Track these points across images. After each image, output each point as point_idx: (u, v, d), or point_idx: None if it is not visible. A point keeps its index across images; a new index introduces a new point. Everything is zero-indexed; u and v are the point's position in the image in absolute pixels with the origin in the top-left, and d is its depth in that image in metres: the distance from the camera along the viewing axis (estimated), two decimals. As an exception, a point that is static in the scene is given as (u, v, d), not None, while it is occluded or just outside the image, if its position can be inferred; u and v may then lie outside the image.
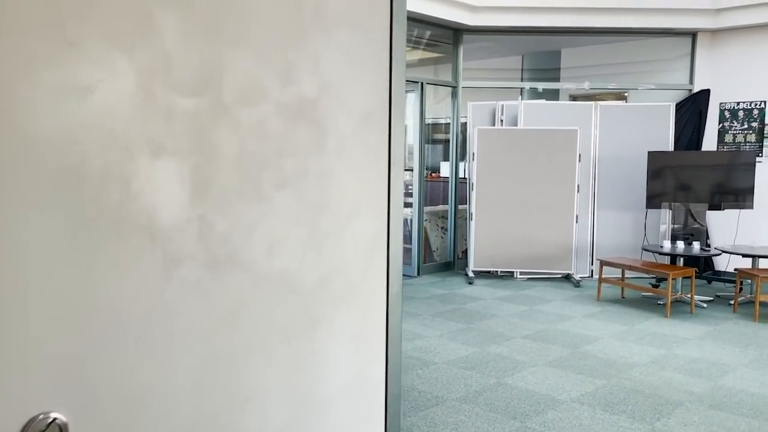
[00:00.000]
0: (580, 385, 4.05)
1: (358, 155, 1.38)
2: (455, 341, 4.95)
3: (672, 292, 6.22)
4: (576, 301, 6.35)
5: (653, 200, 6.88)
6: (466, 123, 7.75)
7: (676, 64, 8.01)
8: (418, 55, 9.91)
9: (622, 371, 4.33)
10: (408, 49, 10.25)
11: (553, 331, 5.28)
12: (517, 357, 4.59)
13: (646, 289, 6.16)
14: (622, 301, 6.42)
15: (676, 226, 7.38)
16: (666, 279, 5.87)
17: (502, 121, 7.61)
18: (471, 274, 7.28)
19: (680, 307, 6.17)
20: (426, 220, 8.37)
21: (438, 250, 8.43)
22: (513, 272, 7.47)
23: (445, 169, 8.41)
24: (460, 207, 8.02)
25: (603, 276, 6.46)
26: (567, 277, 7.48)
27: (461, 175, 8.04)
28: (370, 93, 1.42)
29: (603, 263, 6.43)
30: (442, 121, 8.46)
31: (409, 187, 7.81)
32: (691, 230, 7.26)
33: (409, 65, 9.31)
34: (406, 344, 4.85)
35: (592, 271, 7.59)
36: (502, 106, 7.62)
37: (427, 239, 8.49)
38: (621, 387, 4.03)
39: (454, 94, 7.88)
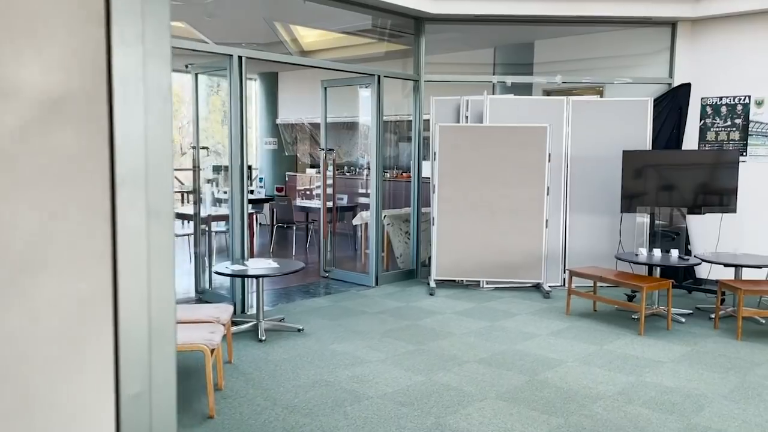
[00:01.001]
0: (532, 425, 3.47)
1: (35, 169, 0.78)
2: (399, 367, 4.37)
3: (647, 306, 5.66)
4: (543, 315, 5.79)
5: (629, 203, 6.32)
6: (429, 120, 7.17)
7: (655, 57, 7.45)
8: (382, 47, 9.32)
9: (583, 406, 3.76)
10: (370, 40, 9.66)
11: (512, 353, 4.71)
12: (465, 388, 4.00)
13: (619, 303, 5.60)
14: (593, 315, 5.86)
15: (653, 231, 6.82)
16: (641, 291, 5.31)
17: (467, 117, 7.04)
18: (432, 284, 6.70)
19: (656, 322, 5.61)
20: (388, 224, 7.78)
21: (402, 256, 7.84)
22: (479, 282, 6.89)
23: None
24: (424, 210, 7.44)
25: (573, 287, 5.90)
26: (537, 287, 6.91)
27: (426, 174, 7.45)
28: (59, 63, 0.81)
29: (573, 273, 5.87)
30: (408, 117, 7.86)
31: (367, 188, 7.21)
32: (669, 236, 6.71)
33: (369, 57, 8.72)
34: (342, 372, 4.26)
35: (564, 279, 7.03)
36: (467, 101, 7.04)
37: (389, 245, 7.90)
38: (580, 427, 3.46)
39: (416, 89, 7.29)
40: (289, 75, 12.94)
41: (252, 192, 10.81)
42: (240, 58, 5.56)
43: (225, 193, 11.10)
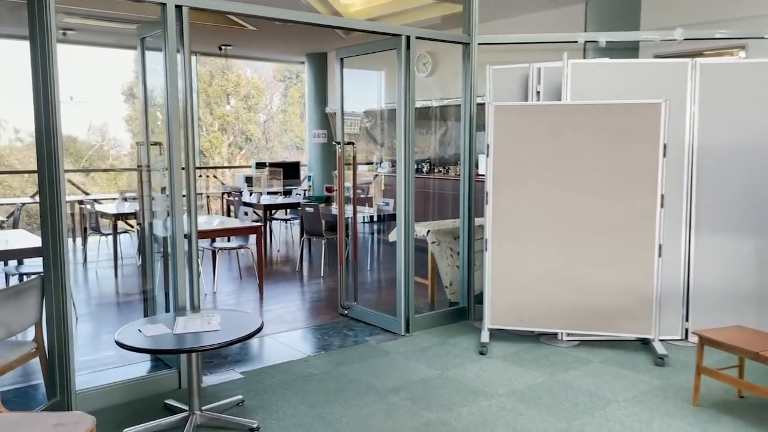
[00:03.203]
0: None
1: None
2: None
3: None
4: (656, 405, 3.58)
5: (798, 222, 3.95)
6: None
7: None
8: (436, 10, 7.25)
9: None
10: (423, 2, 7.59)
11: None
12: None
13: (789, 395, 3.31)
14: (739, 407, 3.59)
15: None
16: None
17: (538, 93, 4.87)
18: (485, 338, 4.60)
19: None
20: (433, 242, 5.74)
21: (452, 285, 5.79)
22: (556, 333, 4.73)
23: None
24: (480, 221, 5.34)
25: (705, 364, 3.64)
26: (644, 343, 4.67)
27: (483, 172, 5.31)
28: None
29: (704, 341, 3.61)
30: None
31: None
32: None
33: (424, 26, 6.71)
34: None
35: (686, 331, 4.74)
36: (539, 70, 4.87)
37: (434, 270, 5.86)
38: None
39: (467, 55, 5.18)
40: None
41: (286, 194, 9.07)
42: (179, 8, 3.70)
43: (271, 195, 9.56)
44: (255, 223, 6.44)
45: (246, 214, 6.75)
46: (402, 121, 4.81)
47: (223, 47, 10.10)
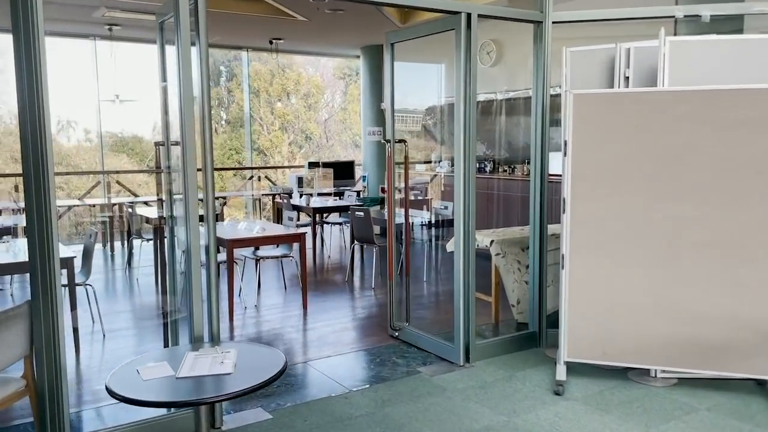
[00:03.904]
0: None
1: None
2: None
3: None
4: (791, 480, 2.75)
5: None
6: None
7: None
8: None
9: None
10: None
11: None
12: None
13: None
14: None
15: None
16: None
17: (627, 79, 4.04)
18: (560, 374, 3.83)
19: None
20: (498, 254, 5.00)
21: (520, 304, 5.03)
22: (649, 369, 3.90)
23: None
24: (553, 228, 4.55)
25: None
26: (760, 384, 3.79)
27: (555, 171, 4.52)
28: None
29: None
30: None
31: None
32: None
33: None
34: None
35: (815, 370, 3.82)
36: (628, 51, 4.04)
37: (499, 286, 5.11)
38: None
39: (538, 36, 4.41)
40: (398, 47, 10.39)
41: (339, 195, 8.47)
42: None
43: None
44: (297, 230, 5.83)
45: (290, 219, 6.17)
46: (462, 113, 4.08)
47: (273, 41, 9.59)
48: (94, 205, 9.17)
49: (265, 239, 5.46)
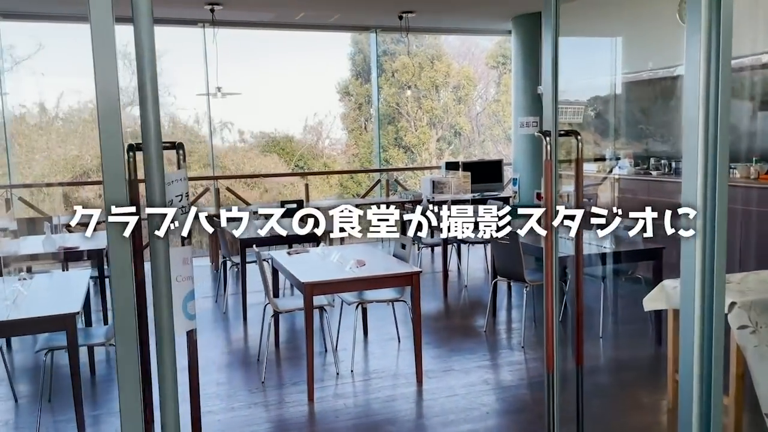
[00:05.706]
0: None
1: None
2: None
3: None
4: None
5: None
6: None
7: None
8: None
9: None
10: None
11: None
12: None
13: None
14: None
15: None
16: None
17: None
18: None
19: None
20: (745, 326, 2.85)
21: (782, 412, 2.84)
22: None
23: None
24: None
25: None
26: None
27: None
28: None
29: None
30: None
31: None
32: None
33: None
34: None
35: None
36: None
37: (743, 376, 2.96)
38: None
39: None
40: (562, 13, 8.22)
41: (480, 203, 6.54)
42: None
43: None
44: (409, 267, 4.00)
45: (403, 247, 4.39)
46: (702, 86, 2.03)
47: (403, 15, 7.88)
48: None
49: (355, 282, 3.71)
